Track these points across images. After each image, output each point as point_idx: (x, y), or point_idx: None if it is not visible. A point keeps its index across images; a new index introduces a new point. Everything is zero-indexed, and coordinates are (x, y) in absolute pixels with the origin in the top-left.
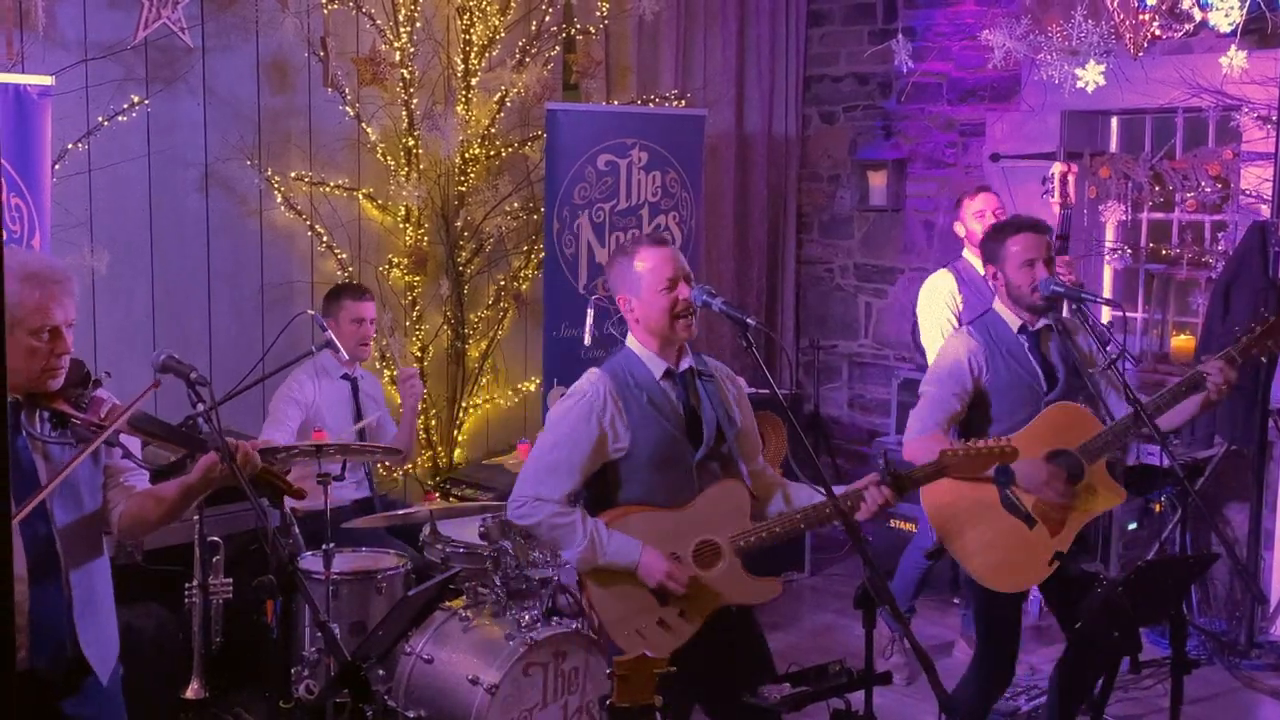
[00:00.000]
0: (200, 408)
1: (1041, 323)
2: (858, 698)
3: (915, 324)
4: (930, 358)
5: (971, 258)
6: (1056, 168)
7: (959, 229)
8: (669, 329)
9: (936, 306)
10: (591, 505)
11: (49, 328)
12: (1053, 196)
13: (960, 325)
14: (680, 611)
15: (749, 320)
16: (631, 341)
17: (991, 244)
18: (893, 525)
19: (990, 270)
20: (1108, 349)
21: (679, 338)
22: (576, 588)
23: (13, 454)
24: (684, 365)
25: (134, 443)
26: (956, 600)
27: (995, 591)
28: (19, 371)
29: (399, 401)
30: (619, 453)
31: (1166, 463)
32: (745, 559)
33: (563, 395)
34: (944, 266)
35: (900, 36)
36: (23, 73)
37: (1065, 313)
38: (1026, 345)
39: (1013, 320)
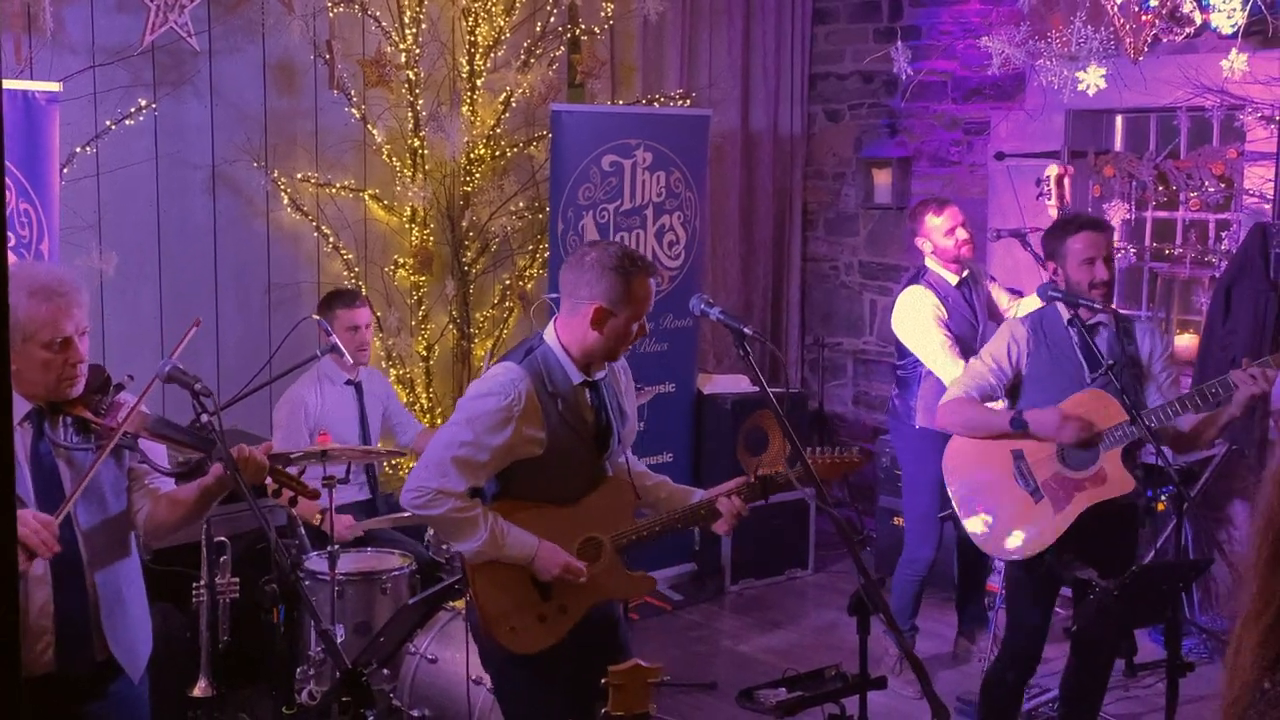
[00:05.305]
0: (205, 418)
1: (1097, 318)
2: (853, 702)
3: (899, 343)
4: (946, 377)
5: (938, 268)
6: (1053, 169)
7: (924, 245)
8: (604, 356)
9: (924, 321)
10: (485, 497)
11: (60, 339)
12: (1049, 199)
13: (949, 333)
14: (561, 606)
15: (745, 329)
16: (552, 338)
17: (1053, 241)
18: (897, 523)
19: (1051, 267)
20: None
21: (604, 362)
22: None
23: (37, 460)
24: (599, 375)
25: (157, 449)
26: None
27: (1023, 566)
28: (37, 383)
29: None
30: (530, 454)
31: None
32: (624, 555)
33: (477, 385)
34: (913, 283)
35: (900, 42)
36: (31, 78)
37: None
38: (1074, 337)
39: (1063, 313)
